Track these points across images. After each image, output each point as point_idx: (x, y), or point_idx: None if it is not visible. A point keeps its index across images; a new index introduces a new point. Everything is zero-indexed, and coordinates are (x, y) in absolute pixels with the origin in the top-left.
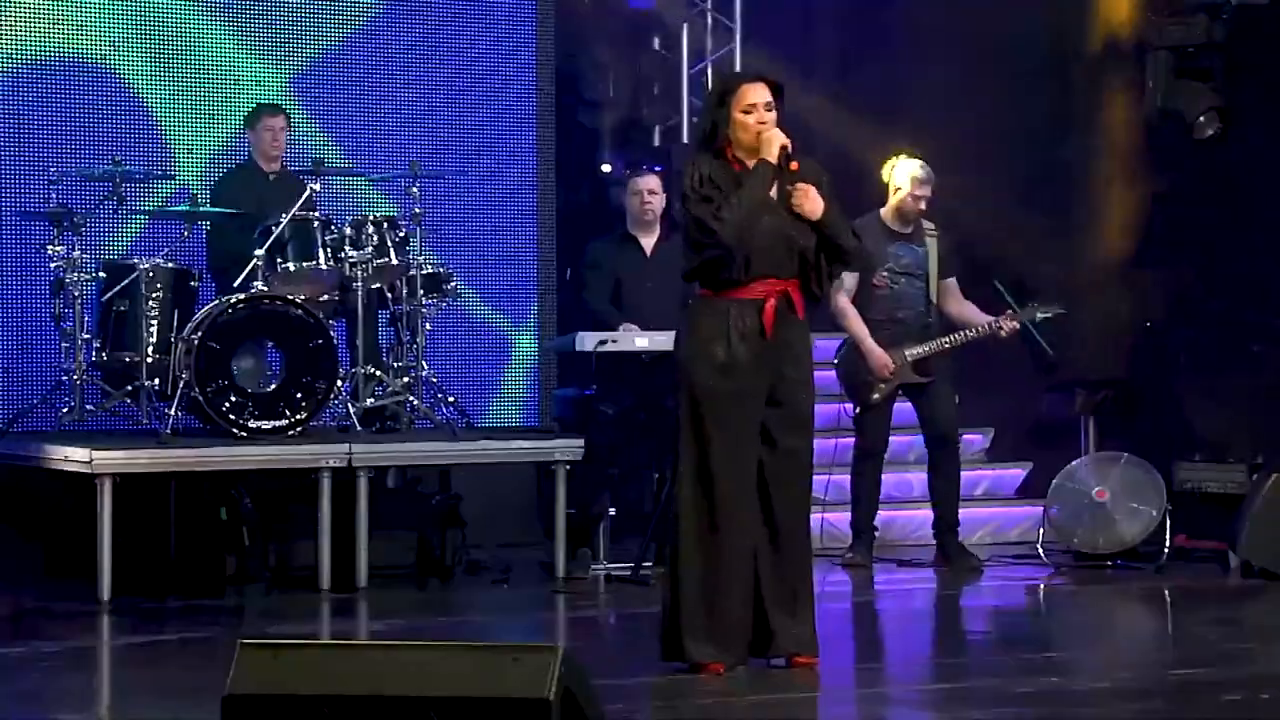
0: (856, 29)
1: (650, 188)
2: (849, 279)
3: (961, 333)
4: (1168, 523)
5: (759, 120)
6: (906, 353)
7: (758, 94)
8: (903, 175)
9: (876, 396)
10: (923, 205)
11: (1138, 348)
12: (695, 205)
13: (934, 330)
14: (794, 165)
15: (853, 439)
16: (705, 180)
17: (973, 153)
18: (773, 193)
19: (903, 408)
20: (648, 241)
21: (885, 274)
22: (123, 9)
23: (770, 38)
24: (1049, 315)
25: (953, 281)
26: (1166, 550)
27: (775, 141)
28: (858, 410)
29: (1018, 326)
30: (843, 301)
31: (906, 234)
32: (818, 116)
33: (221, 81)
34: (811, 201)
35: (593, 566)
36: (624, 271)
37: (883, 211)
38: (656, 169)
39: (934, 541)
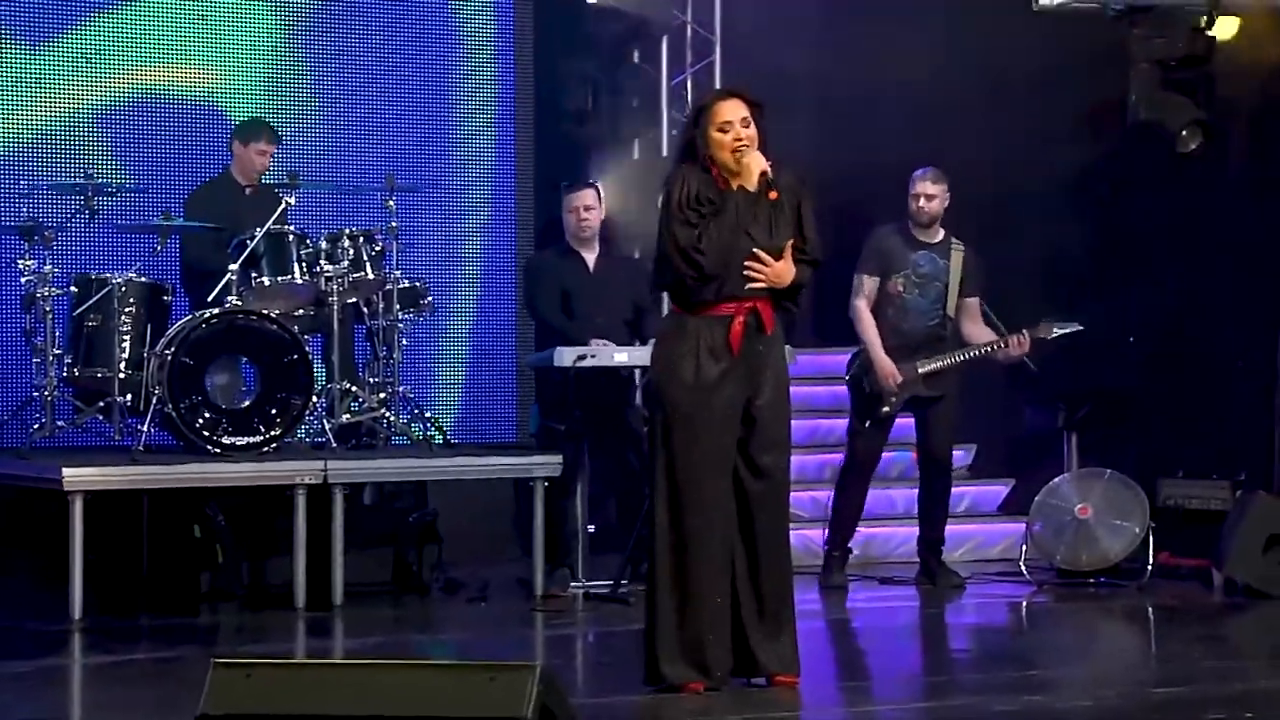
0: (837, 39)
1: (586, 203)
2: (869, 283)
3: (975, 349)
4: (1150, 540)
5: (735, 138)
6: (919, 366)
7: (732, 111)
8: (911, 179)
9: (886, 410)
10: (924, 204)
11: (1120, 363)
12: (679, 227)
13: (947, 344)
14: (773, 194)
15: (833, 454)
16: (691, 200)
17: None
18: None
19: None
20: (589, 257)
21: (901, 282)
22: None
23: (750, 50)
24: (1066, 331)
25: (974, 301)
26: (1149, 567)
27: (755, 168)
28: (864, 423)
29: (1027, 345)
30: (861, 306)
31: (931, 244)
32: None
33: (218, 80)
34: (781, 279)
35: (571, 584)
36: (570, 284)
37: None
38: (592, 183)
39: (916, 559)
